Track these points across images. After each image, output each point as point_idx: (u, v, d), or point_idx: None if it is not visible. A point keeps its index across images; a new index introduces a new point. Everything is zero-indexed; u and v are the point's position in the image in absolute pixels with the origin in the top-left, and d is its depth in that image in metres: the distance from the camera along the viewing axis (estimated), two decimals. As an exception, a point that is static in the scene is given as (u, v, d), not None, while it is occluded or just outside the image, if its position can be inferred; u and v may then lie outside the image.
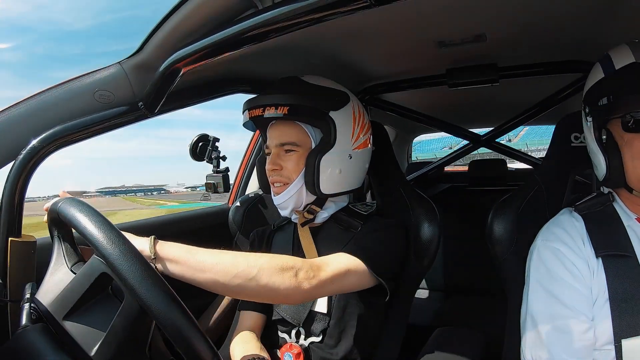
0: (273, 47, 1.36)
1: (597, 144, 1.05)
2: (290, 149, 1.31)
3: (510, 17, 1.29)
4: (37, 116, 1.10)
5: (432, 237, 1.44)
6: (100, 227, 0.76)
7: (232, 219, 1.78)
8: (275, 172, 1.31)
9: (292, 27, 0.88)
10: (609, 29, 1.32)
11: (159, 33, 1.09)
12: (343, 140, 1.31)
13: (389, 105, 2.32)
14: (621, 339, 0.95)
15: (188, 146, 1.66)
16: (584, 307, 1.01)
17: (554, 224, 1.16)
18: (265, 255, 1.02)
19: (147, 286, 0.71)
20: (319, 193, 1.29)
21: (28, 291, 0.94)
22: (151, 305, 0.70)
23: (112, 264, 0.73)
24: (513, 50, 1.63)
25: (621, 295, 0.98)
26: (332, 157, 1.29)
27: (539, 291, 1.09)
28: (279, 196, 1.33)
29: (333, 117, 1.28)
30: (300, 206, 1.35)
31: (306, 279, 1.02)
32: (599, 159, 1.06)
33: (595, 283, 1.02)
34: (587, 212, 1.12)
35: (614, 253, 1.03)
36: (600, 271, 1.03)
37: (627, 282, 0.99)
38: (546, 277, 1.08)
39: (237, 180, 2.38)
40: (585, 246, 1.07)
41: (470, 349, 1.40)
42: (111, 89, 1.18)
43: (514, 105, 2.39)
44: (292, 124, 1.31)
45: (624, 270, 1.00)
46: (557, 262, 1.07)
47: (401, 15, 1.23)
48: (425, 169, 3.08)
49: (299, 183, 1.30)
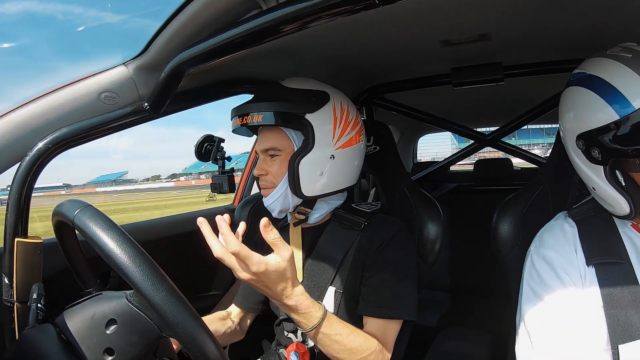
0: (278, 47, 1.36)
1: (613, 185, 0.98)
2: (274, 154, 1.32)
3: (514, 15, 1.28)
4: (42, 118, 1.11)
5: (435, 237, 1.43)
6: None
7: (237, 219, 1.79)
8: (262, 177, 1.35)
9: (297, 28, 0.88)
10: (612, 27, 1.31)
11: (164, 34, 1.09)
12: (323, 141, 1.29)
13: (393, 104, 2.32)
14: (618, 345, 0.95)
15: (193, 147, 1.66)
16: (575, 315, 1.01)
17: (546, 230, 1.16)
18: (372, 347, 1.18)
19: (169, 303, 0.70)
20: (301, 195, 1.29)
21: (35, 291, 0.94)
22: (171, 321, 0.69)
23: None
24: (518, 49, 1.63)
25: (615, 302, 0.98)
26: (312, 159, 1.27)
27: (531, 297, 1.09)
28: (265, 199, 1.35)
29: (310, 119, 1.27)
30: (289, 208, 1.36)
31: None
32: (616, 199, 0.99)
33: (588, 290, 1.02)
34: (581, 218, 1.12)
35: (607, 261, 1.02)
36: (593, 278, 1.02)
37: (620, 288, 0.99)
38: (538, 284, 1.08)
39: (242, 180, 2.39)
40: (577, 253, 1.06)
41: (476, 349, 1.40)
42: (116, 90, 1.19)
43: (518, 105, 2.38)
44: (275, 129, 1.32)
45: (617, 277, 1.00)
46: (548, 269, 1.07)
47: (405, 14, 1.23)
48: (430, 168, 3.07)
49: (284, 186, 1.30)
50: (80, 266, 1.04)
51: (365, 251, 1.31)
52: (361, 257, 1.31)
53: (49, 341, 0.80)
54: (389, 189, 1.61)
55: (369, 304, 1.25)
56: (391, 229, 1.33)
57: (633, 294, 0.97)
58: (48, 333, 0.82)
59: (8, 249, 1.05)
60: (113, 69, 1.19)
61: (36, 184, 1.10)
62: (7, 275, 1.04)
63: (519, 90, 2.30)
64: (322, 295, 1.31)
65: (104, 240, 0.71)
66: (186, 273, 1.78)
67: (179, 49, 1.06)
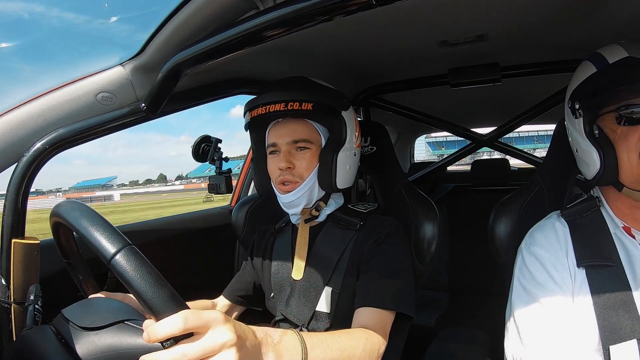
0: (275, 47, 1.37)
1: (589, 139, 1.03)
2: (304, 146, 1.31)
3: (511, 16, 1.29)
4: (39, 118, 1.11)
5: (432, 237, 1.43)
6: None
7: (235, 220, 1.79)
8: (288, 171, 1.30)
9: (294, 28, 0.88)
10: (607, 28, 1.31)
11: (161, 34, 1.09)
12: (350, 138, 1.33)
13: (390, 105, 2.32)
14: (609, 346, 0.96)
15: (191, 147, 1.65)
16: (564, 312, 1.02)
17: (537, 229, 1.17)
18: (361, 339, 1.08)
19: None
20: (334, 188, 1.32)
21: (32, 293, 0.94)
22: None
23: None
24: (515, 50, 1.63)
25: (605, 303, 0.99)
26: (344, 154, 1.32)
27: (521, 294, 1.10)
28: (289, 194, 1.31)
29: (344, 116, 1.32)
30: (311, 203, 1.36)
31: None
32: (591, 155, 1.03)
33: (578, 290, 1.03)
34: (573, 218, 1.12)
35: (598, 263, 1.03)
36: (584, 280, 1.03)
37: (611, 291, 1.00)
38: (529, 281, 1.09)
39: (240, 181, 2.38)
40: (568, 254, 1.07)
41: (475, 349, 1.40)
42: (113, 91, 1.18)
43: (516, 105, 2.39)
44: (303, 122, 1.31)
45: (608, 279, 1.01)
46: (539, 267, 1.08)
47: (403, 15, 1.23)
48: (427, 169, 3.08)
49: (312, 180, 1.31)
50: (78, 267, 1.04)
51: (361, 250, 1.31)
52: (357, 256, 1.31)
53: (46, 343, 0.80)
54: (386, 190, 1.61)
55: (363, 296, 1.23)
56: (386, 227, 1.34)
57: (624, 297, 0.99)
58: (45, 335, 0.82)
59: (5, 249, 1.04)
60: (110, 69, 1.18)
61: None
62: (4, 277, 1.03)
63: (516, 90, 2.31)
64: (318, 295, 1.31)
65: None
66: (181, 274, 1.78)
67: (176, 49, 1.06)
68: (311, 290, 1.32)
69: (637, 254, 1.03)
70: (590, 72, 1.05)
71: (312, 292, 1.32)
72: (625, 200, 1.06)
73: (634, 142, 0.97)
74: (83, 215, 0.75)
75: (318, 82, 1.37)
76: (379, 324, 1.17)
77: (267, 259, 1.48)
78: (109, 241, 0.70)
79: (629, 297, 0.99)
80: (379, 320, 1.18)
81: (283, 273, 1.40)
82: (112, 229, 0.72)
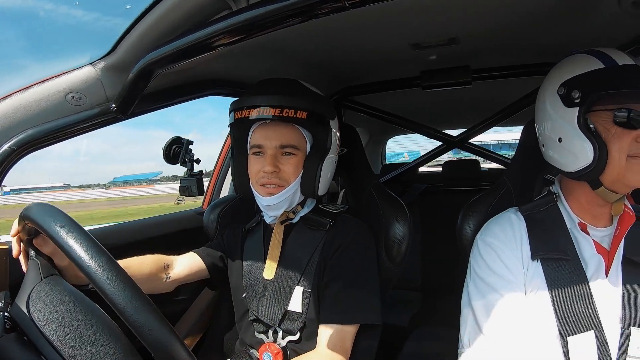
0: (249, 48, 1.36)
1: (583, 131, 1.03)
2: (291, 152, 1.30)
3: (482, 20, 1.31)
4: (7, 119, 1.08)
5: (402, 237, 1.44)
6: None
7: (206, 222, 1.77)
8: (273, 174, 1.29)
9: (267, 29, 0.88)
10: (578, 33, 1.35)
11: (133, 34, 1.08)
12: (334, 146, 1.35)
13: (362, 107, 2.34)
14: (567, 337, 1.01)
15: (161, 149, 1.63)
16: (517, 298, 1.07)
17: (494, 221, 1.21)
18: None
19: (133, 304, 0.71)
20: (315, 195, 1.33)
21: (1, 300, 0.91)
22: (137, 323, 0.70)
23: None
24: (485, 53, 1.66)
25: (562, 295, 1.03)
26: (328, 162, 1.33)
27: (477, 282, 1.14)
28: (272, 197, 1.30)
29: (331, 125, 1.33)
30: (291, 207, 1.37)
31: None
32: (584, 147, 1.03)
33: (532, 282, 1.07)
34: (530, 213, 1.16)
35: (553, 256, 1.07)
36: (539, 271, 1.07)
37: (567, 283, 1.04)
38: (484, 270, 1.13)
39: (211, 182, 2.36)
40: (523, 246, 1.11)
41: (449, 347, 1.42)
42: (83, 91, 1.16)
43: (486, 107, 2.43)
44: (292, 127, 1.31)
45: (563, 272, 1.06)
46: (493, 255, 1.12)
47: (376, 17, 1.24)
48: (398, 170, 3.09)
49: (295, 185, 1.31)
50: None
51: (327, 251, 1.32)
52: (326, 256, 1.32)
53: (16, 351, 0.77)
54: (357, 191, 1.62)
55: (327, 312, 1.25)
56: (351, 230, 1.35)
57: (581, 289, 1.03)
58: (16, 343, 0.80)
59: (-28, 255, 1.01)
60: (80, 68, 1.16)
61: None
62: (-29, 283, 1.00)
63: (486, 93, 2.36)
64: (289, 294, 1.31)
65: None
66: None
67: (148, 49, 1.05)
68: (282, 290, 1.32)
69: (590, 250, 1.07)
70: (596, 66, 1.04)
71: (283, 292, 1.32)
72: (592, 198, 1.09)
73: (627, 144, 1.00)
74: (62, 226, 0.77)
75: (310, 87, 1.36)
76: (338, 342, 1.22)
77: (238, 258, 1.47)
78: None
79: (586, 289, 1.03)
80: (339, 339, 1.23)
81: (255, 273, 1.40)
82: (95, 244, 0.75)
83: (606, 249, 1.08)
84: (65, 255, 0.75)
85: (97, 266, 0.72)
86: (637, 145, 0.99)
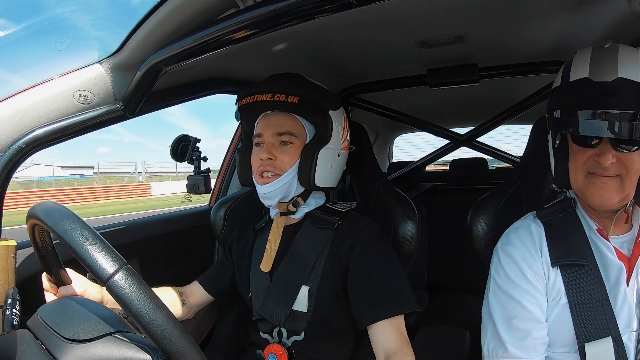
0: (255, 47, 1.36)
1: (551, 147, 1.11)
2: (288, 140, 1.31)
3: (490, 18, 1.30)
4: (16, 117, 1.08)
5: (411, 236, 1.44)
6: None
7: (213, 219, 1.77)
8: (269, 162, 1.31)
9: (274, 27, 0.88)
10: (585, 32, 1.34)
11: (140, 32, 1.08)
12: (335, 138, 1.34)
13: (370, 105, 2.33)
14: (584, 343, 1.00)
15: (169, 147, 1.63)
16: (537, 309, 1.06)
17: (513, 229, 1.19)
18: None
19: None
20: (312, 185, 1.32)
21: (9, 296, 0.92)
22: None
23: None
24: (493, 51, 1.65)
25: (580, 302, 1.02)
26: (327, 152, 1.32)
27: (497, 293, 1.13)
28: (267, 185, 1.32)
29: (331, 115, 1.32)
30: (288, 197, 1.36)
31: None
32: (551, 160, 1.13)
33: (552, 289, 1.07)
34: (549, 219, 1.15)
35: (572, 262, 1.06)
36: (558, 278, 1.06)
37: (585, 289, 1.03)
38: (504, 280, 1.12)
39: (219, 180, 2.36)
40: (542, 253, 1.10)
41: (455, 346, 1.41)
42: (91, 89, 1.16)
43: (493, 106, 2.42)
44: (290, 116, 1.33)
45: (582, 278, 1.04)
46: (514, 267, 1.11)
47: (383, 15, 1.24)
48: (406, 168, 3.09)
49: (291, 174, 1.31)
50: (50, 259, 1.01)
51: (339, 250, 1.31)
52: (336, 255, 1.31)
53: (24, 347, 0.78)
54: (365, 189, 1.61)
55: (370, 311, 1.23)
56: (364, 228, 1.34)
57: (598, 295, 1.02)
58: (24, 339, 0.80)
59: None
60: (88, 67, 1.16)
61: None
62: (-20, 280, 1.01)
63: (494, 91, 2.34)
64: (295, 294, 1.30)
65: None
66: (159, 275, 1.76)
67: (155, 47, 1.05)
68: (287, 290, 1.32)
69: (610, 257, 1.05)
70: (557, 83, 1.08)
71: (288, 291, 1.31)
72: (591, 207, 1.09)
73: (581, 163, 1.02)
74: (74, 227, 0.74)
75: (310, 80, 1.38)
76: (398, 337, 1.21)
77: (247, 258, 1.47)
78: (106, 261, 0.70)
79: (603, 295, 1.01)
80: (397, 332, 1.21)
81: (260, 272, 1.39)
82: (107, 246, 0.72)
83: (626, 255, 1.06)
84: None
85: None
86: (594, 163, 0.99)
